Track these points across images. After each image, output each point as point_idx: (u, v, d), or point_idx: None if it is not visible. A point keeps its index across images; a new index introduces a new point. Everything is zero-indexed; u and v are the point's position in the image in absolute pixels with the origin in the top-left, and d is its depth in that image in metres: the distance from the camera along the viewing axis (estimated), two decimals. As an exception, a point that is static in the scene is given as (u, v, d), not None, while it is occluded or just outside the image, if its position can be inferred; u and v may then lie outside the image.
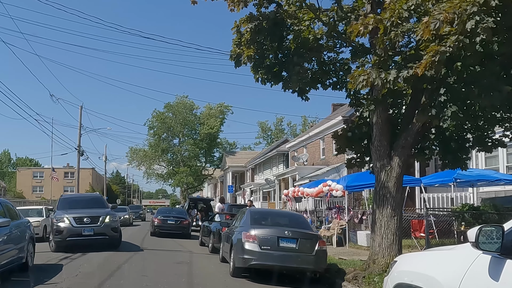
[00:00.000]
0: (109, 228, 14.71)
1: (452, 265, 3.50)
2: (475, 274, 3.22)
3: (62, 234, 14.22)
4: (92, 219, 14.57)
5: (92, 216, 14.65)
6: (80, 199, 17.91)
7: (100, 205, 16.24)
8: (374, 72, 7.50)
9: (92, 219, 14.57)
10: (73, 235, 14.23)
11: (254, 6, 9.35)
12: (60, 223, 14.38)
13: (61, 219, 14.42)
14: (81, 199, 17.92)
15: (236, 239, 10.76)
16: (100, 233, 14.49)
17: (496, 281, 3.02)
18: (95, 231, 14.42)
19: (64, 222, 14.35)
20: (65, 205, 15.75)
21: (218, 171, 65.46)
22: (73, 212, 14.72)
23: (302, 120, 66.75)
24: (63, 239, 14.24)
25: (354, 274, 9.41)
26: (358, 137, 10.66)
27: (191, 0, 9.70)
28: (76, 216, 14.50)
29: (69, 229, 14.24)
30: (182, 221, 23.12)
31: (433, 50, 6.74)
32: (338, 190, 16.99)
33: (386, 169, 9.45)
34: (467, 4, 6.42)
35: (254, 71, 9.94)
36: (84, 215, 14.60)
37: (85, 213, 14.79)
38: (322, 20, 9.65)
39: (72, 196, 23.28)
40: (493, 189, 16.52)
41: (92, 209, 15.25)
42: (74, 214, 14.61)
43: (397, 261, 4.53)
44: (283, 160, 41.67)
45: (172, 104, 62.05)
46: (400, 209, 9.74)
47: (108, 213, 15.13)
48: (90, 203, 16.29)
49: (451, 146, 9.80)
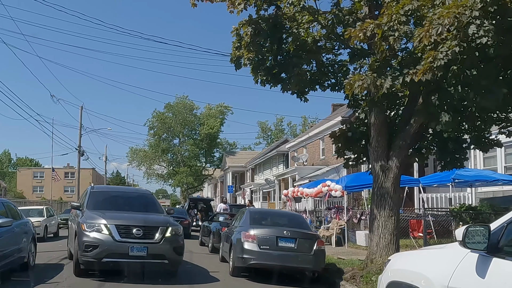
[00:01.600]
0: (171, 248, 9.41)
1: (442, 263, 3.63)
2: (463, 271, 3.36)
3: (96, 251, 8.95)
4: (145, 230, 9.28)
5: (146, 226, 9.39)
6: (124, 195, 11.80)
7: (153, 207, 10.80)
8: (369, 78, 7.61)
9: (146, 231, 9.28)
10: (114, 255, 9.01)
11: (254, 7, 9.45)
12: (94, 232, 9.09)
13: (95, 227, 9.17)
14: (124, 196, 11.80)
15: (235, 239, 10.87)
16: (157, 255, 9.23)
17: (483, 278, 3.16)
18: (149, 250, 9.11)
19: (100, 231, 9.10)
20: (100, 203, 10.50)
21: (218, 171, 65.56)
22: (115, 217, 9.52)
23: (302, 120, 66.92)
24: (98, 259, 8.98)
25: (352, 274, 9.53)
26: (356, 137, 10.77)
27: (191, 3, 9.83)
28: (121, 223, 9.25)
29: (110, 245, 8.98)
30: (182, 221, 23.09)
31: (431, 55, 6.83)
32: (337, 191, 17.09)
33: (384, 170, 9.56)
34: (465, 9, 6.52)
35: (253, 73, 10.04)
36: (134, 224, 9.30)
37: (134, 220, 9.52)
38: (320, 22, 9.76)
39: (110, 189, 15.00)
40: (491, 189, 16.63)
41: (143, 214, 10.10)
42: (118, 220, 9.37)
43: (391, 260, 4.67)
44: (283, 160, 41.77)
45: (172, 104, 62.18)
46: (397, 209, 9.85)
47: (168, 222, 9.82)
48: (138, 204, 10.96)
49: (448, 146, 9.91)
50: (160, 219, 10.00)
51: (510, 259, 3.14)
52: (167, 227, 9.54)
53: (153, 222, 9.73)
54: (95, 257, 9.00)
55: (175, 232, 9.65)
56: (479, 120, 9.12)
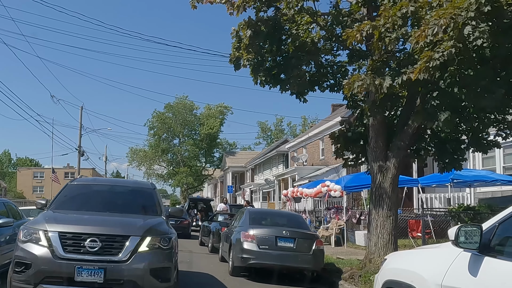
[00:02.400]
0: (147, 270, 6.26)
1: (436, 263, 3.72)
2: (456, 270, 3.44)
3: (29, 272, 6.06)
4: (105, 241, 6.21)
5: (106, 234, 6.27)
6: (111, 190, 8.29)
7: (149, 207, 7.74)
8: (368, 78, 7.68)
9: (106, 243, 6.21)
10: (55, 279, 6.04)
11: (253, 9, 9.51)
12: (30, 244, 6.23)
13: (33, 235, 6.28)
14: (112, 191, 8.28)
15: (235, 239, 10.93)
16: (121, 281, 6.13)
17: (475, 277, 3.24)
18: (108, 274, 6.05)
19: (37, 242, 6.21)
20: (70, 200, 7.59)
21: (218, 171, 65.63)
22: (63, 220, 6.67)
23: (302, 121, 67.00)
24: (33, 284, 6.04)
25: (351, 273, 9.60)
26: (355, 138, 10.84)
27: (192, 5, 9.90)
28: (68, 231, 6.25)
29: (47, 263, 6.04)
30: (182, 221, 23.28)
31: (427, 55, 6.91)
32: (337, 191, 17.15)
33: (382, 170, 9.62)
34: (461, 10, 6.59)
35: (253, 74, 10.11)
36: (87, 231, 6.26)
37: (91, 224, 6.48)
38: (319, 24, 9.82)
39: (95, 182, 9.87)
40: (490, 189, 16.68)
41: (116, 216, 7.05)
42: (65, 225, 6.41)
43: (387, 259, 4.76)
44: (282, 161, 41.83)
45: (172, 105, 62.23)
46: (395, 209, 9.91)
47: (147, 228, 6.58)
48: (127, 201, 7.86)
49: (446, 147, 9.97)
50: (134, 224, 6.61)
51: (501, 258, 3.23)
52: (143, 236, 6.26)
53: (119, 228, 6.35)
54: (27, 281, 6.00)
55: (158, 245, 6.36)
56: (477, 121, 9.18)
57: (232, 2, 9.30)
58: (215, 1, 9.58)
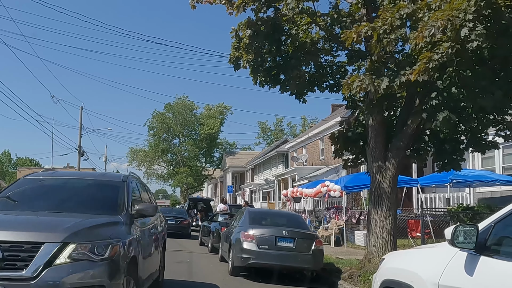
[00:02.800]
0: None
1: (433, 262, 3.75)
2: (453, 270, 3.48)
3: None
4: (7, 250, 4.51)
5: (9, 242, 4.57)
6: (66, 185, 6.77)
7: (99, 204, 6.12)
8: (367, 79, 7.71)
9: (9, 253, 4.51)
10: None
11: (252, 11, 9.55)
12: None
13: None
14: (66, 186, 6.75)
15: (234, 239, 10.96)
16: None
17: (471, 276, 3.28)
18: None
19: None
20: (12, 198, 6.24)
21: (218, 171, 65.65)
22: None
23: (302, 121, 66.99)
24: None
25: (350, 273, 9.63)
26: (355, 138, 10.87)
27: (191, 5, 9.93)
28: None
29: None
30: (182, 221, 23.34)
31: (426, 56, 6.94)
32: (336, 191, 17.18)
33: (381, 170, 9.65)
34: (459, 12, 6.62)
35: (253, 75, 10.14)
36: None
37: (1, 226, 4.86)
38: (319, 24, 9.85)
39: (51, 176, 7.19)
40: (489, 189, 16.72)
41: (50, 216, 5.45)
42: None
43: (385, 258, 4.79)
44: (282, 161, 41.86)
45: (172, 105, 62.25)
46: (395, 209, 9.93)
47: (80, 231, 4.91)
48: (81, 199, 6.37)
49: (445, 147, 10.00)
50: (56, 226, 4.92)
51: (497, 257, 3.26)
52: (65, 243, 4.64)
53: (30, 233, 4.72)
54: None
55: (88, 255, 4.69)
56: (476, 121, 9.21)
57: (232, 2, 9.33)
58: (215, 2, 9.61)
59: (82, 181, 7.02)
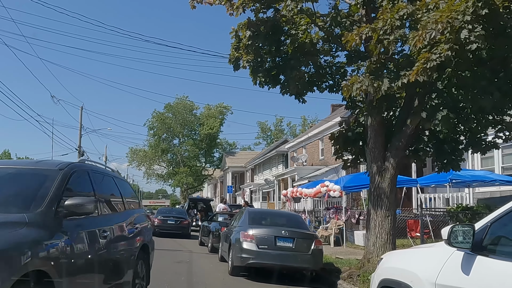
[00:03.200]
0: None
1: (430, 261, 3.79)
2: (449, 269, 3.51)
3: None
4: None
5: None
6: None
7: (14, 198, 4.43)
8: (367, 80, 7.74)
9: None
10: None
11: (252, 11, 9.58)
12: None
13: None
14: None
15: (234, 239, 10.99)
16: None
17: (467, 275, 3.31)
18: None
19: None
20: None
21: (218, 171, 65.67)
22: None
23: (302, 121, 67.01)
24: None
25: (349, 273, 9.66)
26: (354, 138, 10.90)
27: (191, 5, 9.97)
28: None
29: None
30: (182, 221, 23.38)
31: (425, 57, 6.97)
32: (336, 191, 17.21)
33: (381, 170, 9.68)
34: (457, 13, 6.65)
35: (252, 75, 10.16)
36: None
37: None
38: (318, 25, 9.88)
39: None
40: (489, 189, 16.74)
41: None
42: None
43: (384, 258, 4.83)
44: (282, 161, 41.88)
45: (172, 105, 62.26)
46: (394, 209, 9.96)
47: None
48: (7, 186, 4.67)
49: (444, 148, 10.03)
50: None
51: (493, 257, 3.30)
52: None
53: None
54: None
55: None
56: (475, 121, 9.24)
57: (232, 2, 9.36)
58: (215, 2, 9.65)
59: (3, 169, 5.18)
